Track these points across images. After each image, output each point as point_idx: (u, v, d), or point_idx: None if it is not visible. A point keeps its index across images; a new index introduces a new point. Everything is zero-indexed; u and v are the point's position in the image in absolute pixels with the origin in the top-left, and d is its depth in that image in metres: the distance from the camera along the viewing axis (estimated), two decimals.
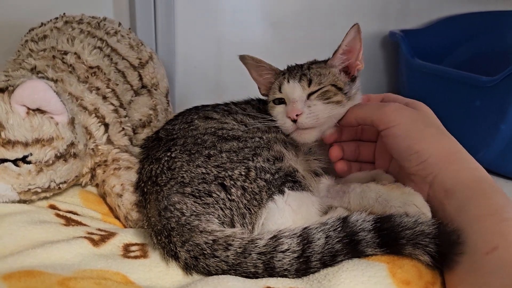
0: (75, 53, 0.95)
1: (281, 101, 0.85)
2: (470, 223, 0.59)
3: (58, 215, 0.74)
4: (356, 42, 0.84)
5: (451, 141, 0.71)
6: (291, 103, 0.81)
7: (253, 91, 0.97)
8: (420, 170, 0.69)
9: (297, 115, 0.79)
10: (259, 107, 0.92)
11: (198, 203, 0.66)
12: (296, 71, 0.86)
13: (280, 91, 0.85)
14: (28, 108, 0.70)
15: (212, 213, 0.66)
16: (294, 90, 0.82)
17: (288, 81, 0.84)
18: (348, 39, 0.83)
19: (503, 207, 0.59)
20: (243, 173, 0.70)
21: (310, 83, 0.82)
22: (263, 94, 0.95)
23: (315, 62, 0.89)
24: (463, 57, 1.73)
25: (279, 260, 0.59)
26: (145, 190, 0.74)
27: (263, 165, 0.72)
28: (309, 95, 0.82)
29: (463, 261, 0.57)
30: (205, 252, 0.61)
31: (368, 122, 0.76)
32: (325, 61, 0.88)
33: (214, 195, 0.67)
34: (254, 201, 0.68)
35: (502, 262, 0.53)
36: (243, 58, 0.91)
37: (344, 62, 0.86)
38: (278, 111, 0.84)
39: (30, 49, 0.97)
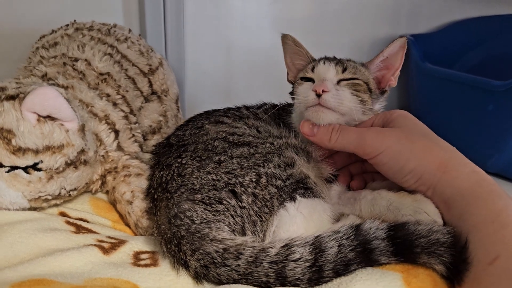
0: (86, 60, 0.95)
1: (309, 81, 0.83)
2: (470, 233, 0.58)
3: (68, 222, 0.74)
4: (398, 57, 0.84)
5: (443, 148, 0.69)
6: (320, 81, 0.78)
7: (262, 96, 0.96)
8: (419, 187, 0.68)
9: (323, 91, 0.76)
10: (274, 112, 0.92)
11: (209, 211, 0.66)
12: (334, 58, 0.86)
13: (312, 71, 0.84)
14: (39, 115, 0.70)
15: (222, 221, 0.65)
16: (327, 71, 0.81)
17: (324, 63, 0.83)
18: (390, 50, 0.83)
19: (503, 211, 0.57)
20: (254, 179, 0.69)
21: (344, 70, 0.81)
22: (289, 81, 0.93)
23: (352, 60, 0.88)
24: (474, 61, 1.72)
25: (291, 269, 0.58)
26: (156, 197, 0.74)
27: (274, 172, 0.71)
28: (339, 82, 0.80)
29: (467, 273, 0.56)
30: (215, 261, 0.60)
31: (351, 151, 0.74)
32: (362, 63, 0.87)
33: (224, 202, 0.67)
34: (265, 208, 0.68)
35: (505, 272, 0.52)
36: (284, 37, 0.89)
37: (380, 71, 0.85)
38: (303, 87, 0.82)
39: (41, 56, 0.98)
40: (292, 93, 0.87)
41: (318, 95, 0.75)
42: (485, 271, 0.54)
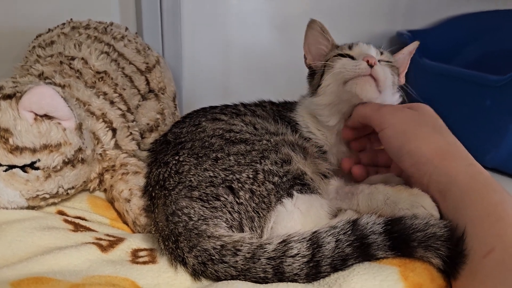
0: (82, 58, 0.95)
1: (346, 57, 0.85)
2: (466, 225, 0.58)
3: (66, 221, 0.74)
4: (409, 58, 0.92)
5: (445, 138, 0.70)
6: (367, 55, 0.80)
7: (260, 94, 0.96)
8: (415, 171, 0.69)
9: (375, 63, 0.78)
10: (272, 108, 0.92)
11: (206, 207, 0.66)
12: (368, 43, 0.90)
13: (350, 49, 0.86)
14: (36, 114, 0.70)
15: (220, 217, 0.65)
16: (370, 49, 0.85)
17: (363, 44, 0.87)
18: (407, 50, 0.92)
19: (499, 205, 0.58)
20: (251, 176, 0.69)
21: (381, 53, 0.86)
22: (308, 65, 0.94)
23: None
24: (471, 56, 1.72)
25: (289, 265, 0.59)
26: (153, 194, 0.74)
27: (271, 168, 0.71)
28: (379, 61, 0.82)
29: (463, 266, 0.56)
30: (213, 257, 0.60)
31: (367, 122, 0.78)
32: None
33: (222, 198, 0.67)
34: (263, 204, 0.68)
35: (499, 265, 0.52)
36: (313, 22, 0.91)
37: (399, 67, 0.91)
38: (345, 60, 0.82)
39: (37, 55, 0.98)
40: (311, 78, 0.92)
41: (371, 66, 0.77)
42: (480, 264, 0.54)
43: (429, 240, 0.58)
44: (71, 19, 1.11)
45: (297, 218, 0.68)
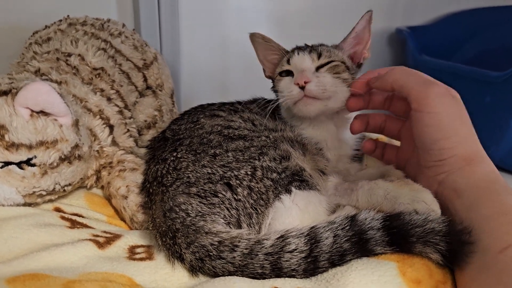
0: (79, 55, 0.95)
1: (288, 74, 0.85)
2: (481, 222, 0.58)
3: (63, 217, 0.73)
4: (366, 31, 0.87)
5: (476, 142, 0.68)
6: (299, 73, 0.80)
7: (258, 91, 0.96)
8: (437, 167, 0.67)
9: (305, 82, 0.78)
10: (267, 107, 0.92)
11: (204, 204, 0.65)
12: (306, 47, 0.88)
13: (288, 63, 0.85)
14: (32, 111, 0.70)
15: (218, 213, 0.65)
16: (303, 61, 0.83)
17: (298, 53, 0.84)
18: (359, 26, 0.86)
19: None
20: (249, 172, 0.69)
21: (319, 56, 0.83)
22: (267, 77, 0.94)
23: (324, 44, 0.90)
24: (471, 53, 1.72)
25: (287, 261, 0.58)
26: (151, 191, 0.73)
27: (270, 165, 0.71)
28: (318, 68, 0.82)
29: (474, 260, 0.55)
30: (211, 253, 0.60)
31: (404, 93, 0.68)
32: (334, 45, 0.90)
33: (220, 195, 0.66)
34: (261, 200, 0.67)
35: None
36: (253, 35, 0.92)
37: (353, 48, 0.88)
38: (285, 82, 0.84)
39: (34, 52, 0.97)
40: (274, 89, 0.90)
41: (302, 88, 0.77)
42: (495, 259, 0.53)
43: (428, 235, 0.58)
44: (68, 15, 1.11)
45: (295, 214, 0.67)
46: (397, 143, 0.84)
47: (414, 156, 0.75)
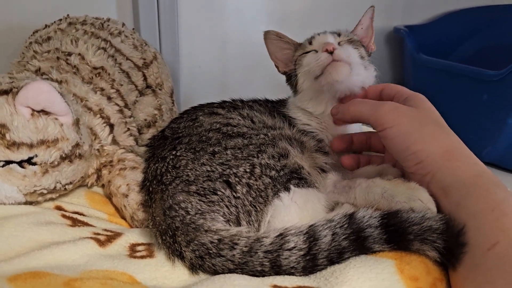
0: (79, 54, 0.95)
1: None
2: (469, 220, 0.58)
3: (64, 216, 0.74)
4: (370, 26, 0.95)
5: (450, 137, 0.69)
6: (326, 43, 0.83)
7: (257, 90, 0.96)
8: (419, 170, 0.68)
9: (333, 48, 0.81)
10: (267, 105, 0.93)
11: (203, 201, 0.66)
12: (324, 31, 0.92)
13: (310, 44, 0.89)
14: (33, 110, 0.70)
15: (217, 211, 0.65)
16: (326, 37, 0.88)
17: (319, 34, 0.89)
18: (365, 20, 0.94)
19: (503, 201, 0.58)
20: (248, 170, 0.69)
21: (339, 35, 0.89)
22: (282, 73, 0.97)
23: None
24: (469, 51, 1.72)
25: (286, 258, 0.59)
26: (151, 189, 0.74)
27: (268, 162, 0.71)
28: (338, 43, 0.86)
29: (465, 259, 0.56)
30: (210, 251, 0.60)
31: (365, 121, 0.76)
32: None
33: (219, 192, 0.67)
34: (260, 198, 0.68)
35: (504, 258, 0.52)
36: (267, 33, 0.94)
37: (362, 39, 0.94)
38: (309, 56, 0.86)
39: (34, 51, 0.98)
40: (289, 81, 0.93)
41: (330, 53, 0.81)
42: (484, 257, 0.54)
43: (425, 233, 0.58)
44: (68, 15, 1.11)
45: (294, 212, 0.68)
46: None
47: (399, 166, 0.78)
